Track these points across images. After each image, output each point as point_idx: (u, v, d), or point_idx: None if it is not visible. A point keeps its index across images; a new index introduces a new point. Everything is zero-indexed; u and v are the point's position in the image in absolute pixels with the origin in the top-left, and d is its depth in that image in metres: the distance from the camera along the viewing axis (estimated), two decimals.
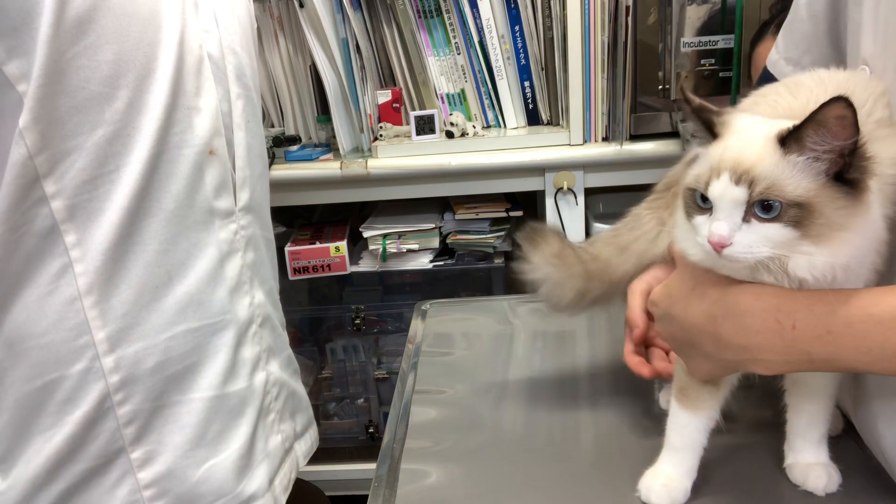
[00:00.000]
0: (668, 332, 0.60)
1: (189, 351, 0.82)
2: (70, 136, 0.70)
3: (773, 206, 0.47)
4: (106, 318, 0.75)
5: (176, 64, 0.77)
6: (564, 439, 0.75)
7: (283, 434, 0.96)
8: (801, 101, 0.56)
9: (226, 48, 0.87)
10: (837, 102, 0.44)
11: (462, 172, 1.47)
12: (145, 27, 0.74)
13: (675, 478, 0.61)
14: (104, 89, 0.71)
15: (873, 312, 0.47)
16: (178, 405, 0.81)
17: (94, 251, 0.73)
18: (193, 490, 0.82)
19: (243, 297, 0.88)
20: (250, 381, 0.89)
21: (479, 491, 0.67)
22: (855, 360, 0.48)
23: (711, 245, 0.49)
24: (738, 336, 0.51)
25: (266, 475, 0.91)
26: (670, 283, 0.59)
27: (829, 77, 0.58)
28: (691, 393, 0.60)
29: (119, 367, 0.76)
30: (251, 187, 0.90)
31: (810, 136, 0.46)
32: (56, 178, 0.70)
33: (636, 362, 0.73)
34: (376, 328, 1.72)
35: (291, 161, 1.52)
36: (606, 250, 0.76)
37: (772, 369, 0.52)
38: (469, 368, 0.93)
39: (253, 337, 0.90)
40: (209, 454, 0.84)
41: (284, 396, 0.97)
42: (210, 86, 0.82)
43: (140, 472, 0.79)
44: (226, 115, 0.86)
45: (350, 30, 1.51)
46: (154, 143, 0.75)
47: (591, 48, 1.41)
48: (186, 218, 0.80)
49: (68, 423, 0.75)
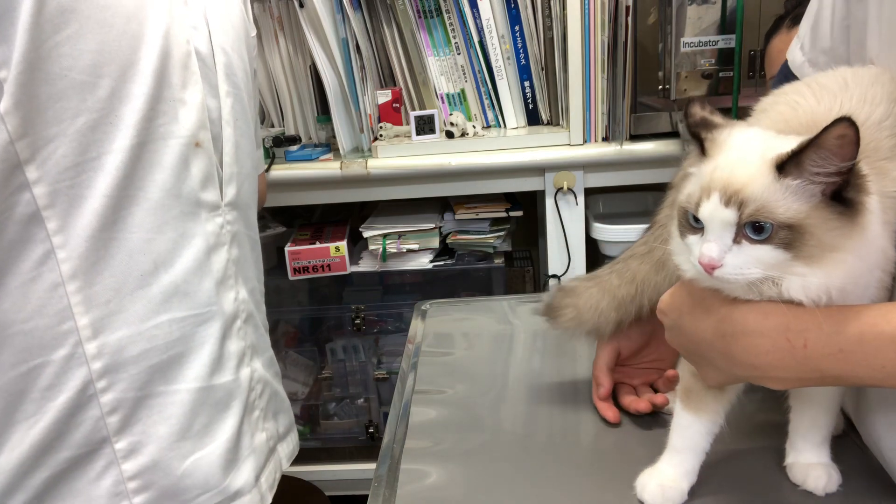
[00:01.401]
0: (678, 342, 0.59)
1: (175, 341, 0.82)
2: (52, 122, 0.71)
3: (765, 227, 0.47)
4: (89, 304, 0.76)
5: (161, 56, 0.78)
6: (564, 439, 0.75)
7: (267, 432, 0.97)
8: (825, 107, 0.55)
9: (216, 46, 0.88)
10: (840, 124, 0.44)
11: (462, 172, 1.47)
12: (129, 19, 0.75)
13: (673, 478, 0.60)
14: (86, 78, 0.72)
15: (885, 329, 0.46)
16: (164, 396, 0.81)
17: (76, 238, 0.74)
18: (179, 483, 0.82)
19: (229, 291, 0.89)
20: (236, 375, 0.89)
21: (479, 491, 0.67)
22: (868, 376, 0.48)
23: (702, 266, 0.49)
24: (748, 356, 0.51)
25: (252, 471, 0.91)
26: (677, 293, 0.58)
27: (854, 79, 0.57)
28: (695, 396, 0.59)
29: (102, 354, 0.77)
30: (238, 184, 0.91)
31: (811, 160, 0.45)
32: (38, 165, 0.71)
33: (602, 407, 0.76)
34: (376, 328, 1.72)
35: (291, 161, 1.52)
36: (643, 269, 0.73)
37: (783, 385, 0.52)
38: (469, 368, 0.93)
39: (238, 332, 0.90)
40: (195, 447, 0.84)
41: (268, 395, 0.97)
42: (196, 80, 0.83)
43: (125, 463, 0.79)
44: (213, 111, 0.86)
45: (350, 30, 1.51)
46: (137, 132, 0.76)
47: (591, 48, 1.41)
48: (173, 208, 0.81)
49: (51, 410, 0.76)
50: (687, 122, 0.54)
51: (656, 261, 0.72)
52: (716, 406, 0.59)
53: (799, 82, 0.61)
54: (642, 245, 0.74)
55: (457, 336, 1.04)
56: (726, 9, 1.47)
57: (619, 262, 0.76)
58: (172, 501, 0.82)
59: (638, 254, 0.74)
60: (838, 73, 0.59)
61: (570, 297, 0.77)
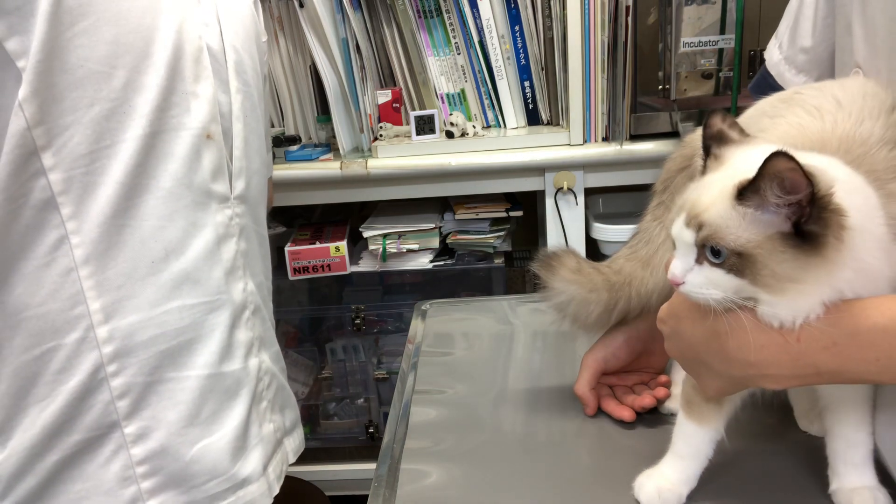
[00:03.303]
0: (677, 351, 0.59)
1: (185, 327, 0.83)
2: (68, 111, 0.73)
3: (721, 252, 0.47)
4: (101, 289, 0.77)
5: (174, 50, 0.80)
6: (564, 439, 0.75)
7: (274, 424, 0.97)
8: (829, 125, 0.55)
9: (226, 44, 0.89)
10: (777, 158, 0.44)
11: (462, 172, 1.47)
12: (143, 13, 0.78)
13: (673, 482, 0.60)
14: (102, 68, 0.74)
15: (879, 322, 0.46)
16: (173, 381, 0.82)
17: (89, 224, 0.76)
18: (187, 469, 0.83)
19: (238, 281, 0.90)
20: (245, 364, 0.90)
21: (479, 491, 0.67)
22: (863, 370, 0.47)
23: (670, 280, 0.51)
24: (743, 351, 0.51)
25: (260, 460, 0.91)
26: (674, 300, 0.58)
27: (845, 96, 0.56)
28: (696, 408, 0.59)
29: (113, 338, 0.78)
30: (247, 179, 0.92)
31: (766, 189, 0.45)
32: (54, 152, 0.73)
33: (612, 408, 0.76)
34: (376, 328, 1.72)
35: (291, 161, 1.52)
36: (629, 265, 0.74)
37: (780, 383, 0.52)
38: (469, 368, 0.93)
39: (247, 322, 0.91)
40: (203, 433, 0.84)
41: (275, 388, 0.98)
42: (208, 74, 0.85)
43: (133, 447, 0.80)
44: (224, 105, 0.88)
45: (350, 30, 1.51)
46: (150, 122, 0.78)
47: (591, 48, 1.41)
48: (184, 197, 0.82)
49: (63, 393, 0.77)
50: (703, 133, 0.54)
51: (642, 258, 0.74)
52: (717, 416, 0.59)
53: (790, 104, 0.60)
54: (628, 249, 0.76)
55: (457, 336, 1.04)
56: (726, 9, 1.47)
57: (608, 261, 0.78)
58: (180, 487, 0.83)
59: (623, 255, 0.76)
60: (826, 92, 0.58)
61: (569, 263, 0.76)
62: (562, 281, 0.75)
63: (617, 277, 0.74)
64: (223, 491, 0.86)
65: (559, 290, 0.76)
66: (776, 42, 0.80)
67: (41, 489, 0.79)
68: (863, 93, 0.56)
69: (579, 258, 0.77)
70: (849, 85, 0.58)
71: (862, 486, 0.58)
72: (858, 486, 0.58)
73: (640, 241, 0.75)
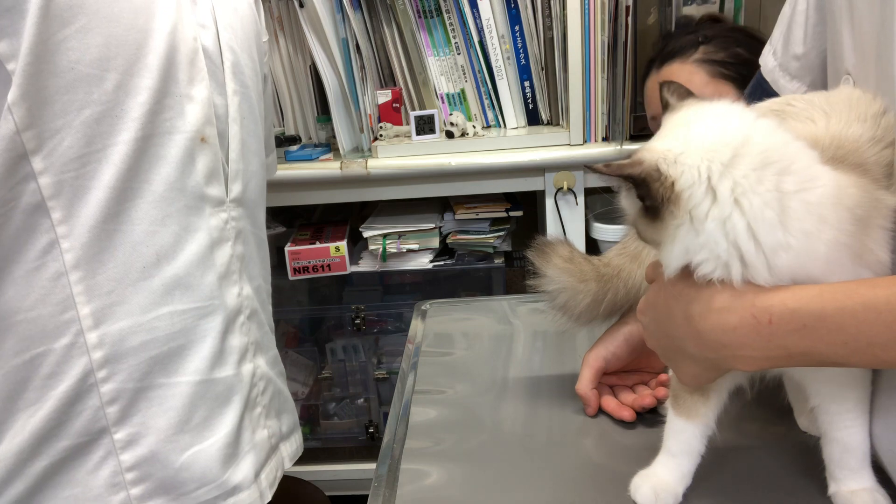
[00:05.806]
0: (655, 341, 0.61)
1: (175, 333, 0.82)
2: (59, 114, 0.72)
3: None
4: (91, 294, 0.76)
5: (167, 52, 0.79)
6: (564, 439, 0.75)
7: (269, 430, 0.96)
8: (821, 130, 0.57)
9: (223, 45, 0.88)
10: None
11: (462, 172, 1.47)
12: (136, 14, 0.76)
13: (667, 482, 0.60)
14: (93, 70, 0.73)
15: (847, 304, 0.47)
16: (164, 388, 0.81)
17: (80, 228, 0.75)
18: (176, 475, 0.82)
19: (232, 286, 0.89)
20: (238, 370, 0.89)
21: (479, 491, 0.67)
22: (832, 352, 0.48)
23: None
24: (715, 332, 0.52)
25: (252, 467, 0.90)
26: (650, 291, 0.60)
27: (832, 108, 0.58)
28: (683, 402, 0.60)
29: (103, 344, 0.77)
30: (244, 181, 0.91)
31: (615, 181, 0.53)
32: (44, 155, 0.72)
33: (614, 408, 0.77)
34: (376, 328, 1.72)
35: (291, 161, 1.52)
36: (618, 259, 0.77)
37: (752, 365, 0.53)
38: (469, 368, 0.93)
39: (241, 327, 0.90)
40: (194, 440, 0.84)
41: (271, 393, 0.97)
42: (203, 77, 0.84)
43: (123, 453, 0.79)
44: (220, 108, 0.87)
45: (350, 30, 1.51)
46: (142, 125, 0.77)
47: (591, 48, 1.41)
48: (177, 201, 0.81)
49: (52, 398, 0.76)
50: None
51: (631, 253, 0.77)
52: (705, 410, 0.59)
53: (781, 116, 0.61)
54: (620, 245, 0.79)
55: (457, 336, 1.04)
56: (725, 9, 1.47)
57: (600, 256, 0.81)
58: (170, 494, 0.82)
59: (615, 251, 0.79)
60: (816, 105, 0.60)
61: (563, 252, 0.80)
62: (554, 269, 0.78)
63: (607, 269, 0.77)
64: (213, 498, 0.85)
65: (551, 277, 0.78)
66: (770, 49, 0.80)
67: (29, 495, 0.78)
68: (849, 102, 0.58)
69: (573, 248, 0.80)
70: (835, 96, 0.60)
71: (860, 488, 0.58)
72: (856, 488, 0.58)
73: (630, 237, 0.77)
